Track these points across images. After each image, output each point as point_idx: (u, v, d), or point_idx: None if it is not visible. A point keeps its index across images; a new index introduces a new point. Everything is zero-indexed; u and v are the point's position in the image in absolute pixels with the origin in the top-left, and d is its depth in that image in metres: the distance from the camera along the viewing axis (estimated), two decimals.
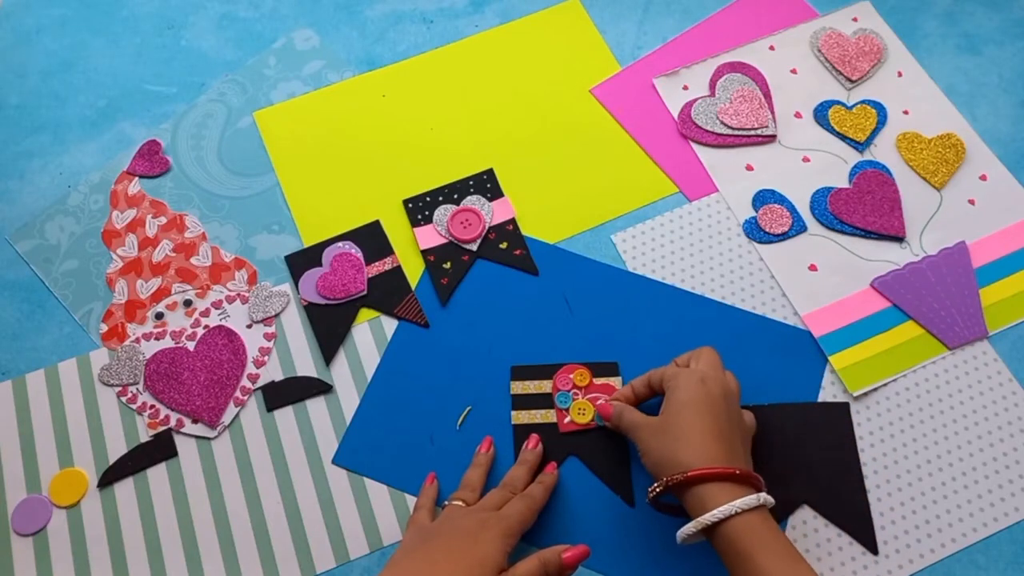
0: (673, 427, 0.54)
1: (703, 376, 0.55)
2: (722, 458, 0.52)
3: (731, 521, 0.50)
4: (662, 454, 0.54)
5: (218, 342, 0.67)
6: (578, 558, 0.52)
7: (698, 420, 0.53)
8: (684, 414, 0.54)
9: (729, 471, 0.51)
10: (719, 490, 0.50)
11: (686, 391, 0.55)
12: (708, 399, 0.54)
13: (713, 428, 0.53)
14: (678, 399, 0.55)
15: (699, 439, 0.52)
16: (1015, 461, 0.61)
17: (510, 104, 0.77)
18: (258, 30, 0.82)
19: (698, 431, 0.53)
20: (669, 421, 0.54)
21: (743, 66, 0.77)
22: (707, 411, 0.53)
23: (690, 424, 0.53)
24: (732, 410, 0.55)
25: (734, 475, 0.51)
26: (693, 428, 0.53)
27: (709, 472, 0.51)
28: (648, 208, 0.72)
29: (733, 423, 0.55)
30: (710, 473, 0.51)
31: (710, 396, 0.54)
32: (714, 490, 0.51)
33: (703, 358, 0.58)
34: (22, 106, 0.79)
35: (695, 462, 0.51)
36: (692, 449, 0.52)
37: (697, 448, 0.52)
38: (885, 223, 0.69)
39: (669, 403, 0.55)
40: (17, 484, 0.63)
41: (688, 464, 0.52)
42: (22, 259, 0.72)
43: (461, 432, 0.64)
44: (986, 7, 0.80)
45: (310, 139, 0.76)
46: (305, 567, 0.60)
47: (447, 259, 0.70)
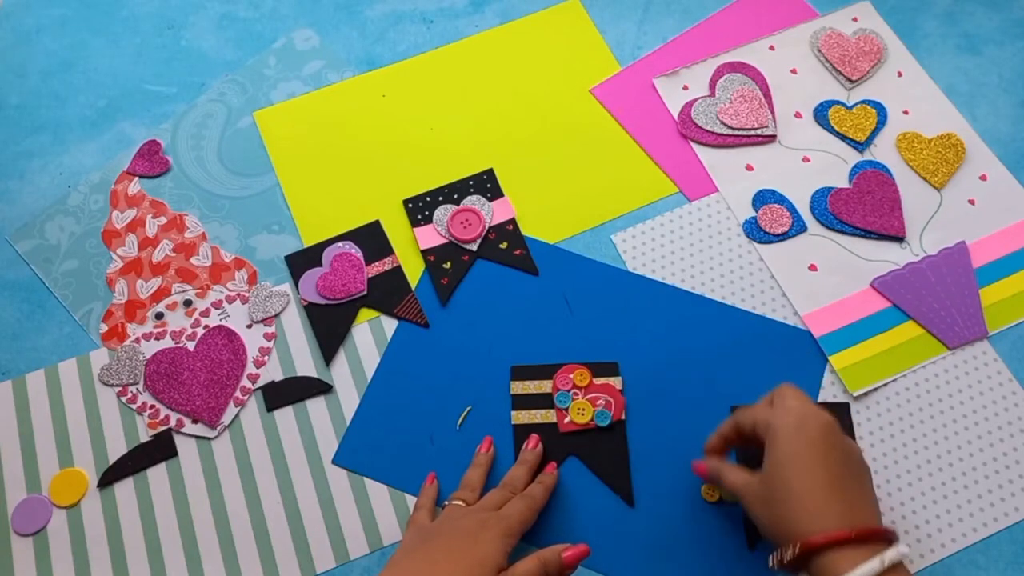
0: (778, 489, 0.48)
1: (801, 419, 0.49)
2: (838, 516, 0.46)
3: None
4: (772, 524, 0.49)
5: (218, 342, 0.67)
6: (578, 557, 0.52)
7: (805, 474, 0.47)
8: (788, 471, 0.48)
9: (844, 534, 0.45)
10: (840, 558, 0.45)
11: (785, 443, 0.49)
12: (812, 445, 0.48)
13: (823, 481, 0.47)
14: (777, 454, 0.49)
15: (808, 499, 0.47)
16: (1015, 461, 0.61)
17: (510, 104, 0.77)
18: (258, 30, 0.82)
19: (805, 489, 0.47)
20: (773, 482, 0.49)
21: (743, 66, 0.77)
22: (814, 459, 0.48)
23: (794, 483, 0.47)
24: (842, 447, 0.49)
25: (854, 536, 0.45)
26: (798, 487, 0.47)
27: (820, 542, 0.45)
28: (648, 208, 0.72)
29: (845, 461, 0.49)
30: (821, 542, 0.45)
31: (813, 441, 0.48)
32: (834, 559, 0.45)
33: (788, 395, 0.52)
34: (22, 106, 0.79)
35: (808, 528, 0.46)
36: (802, 513, 0.47)
37: (807, 510, 0.47)
38: (885, 223, 0.69)
39: (770, 459, 0.49)
40: (17, 484, 0.63)
41: (800, 533, 0.46)
42: (22, 259, 0.72)
43: (461, 432, 0.64)
44: (986, 7, 0.80)
45: (310, 139, 0.76)
46: (305, 567, 0.60)
47: (447, 259, 0.70)
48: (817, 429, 0.49)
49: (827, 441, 0.49)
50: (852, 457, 0.50)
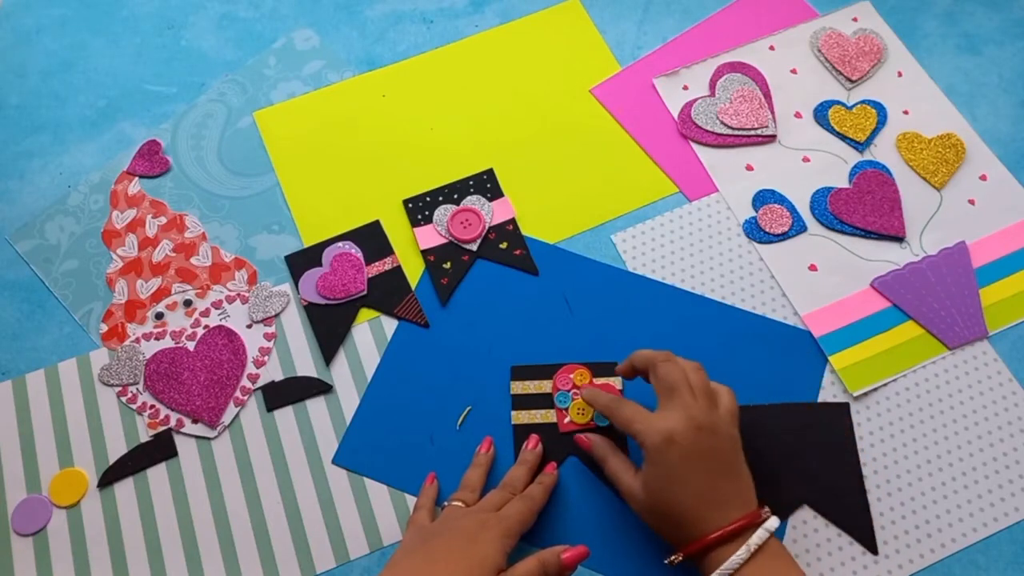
0: (660, 505, 0.53)
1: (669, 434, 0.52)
2: (711, 518, 0.51)
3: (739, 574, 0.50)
4: (661, 531, 0.54)
5: (218, 342, 0.67)
6: (577, 559, 0.52)
7: (682, 493, 0.52)
8: (666, 492, 0.52)
9: (713, 538, 0.50)
10: (716, 555, 0.51)
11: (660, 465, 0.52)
12: (685, 460, 0.51)
13: (693, 493, 0.52)
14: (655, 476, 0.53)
15: (683, 511, 0.52)
16: (1015, 461, 0.61)
17: (510, 104, 0.77)
18: (258, 30, 0.82)
19: (685, 505, 0.52)
20: (654, 499, 0.53)
21: (743, 66, 0.77)
22: (688, 478, 0.51)
23: (675, 501, 0.52)
24: (705, 450, 0.52)
25: (723, 537, 0.50)
26: (679, 505, 0.52)
27: (695, 550, 0.51)
28: (648, 208, 0.72)
29: (712, 466, 0.52)
30: (696, 550, 0.51)
31: (686, 455, 0.51)
32: (712, 557, 0.51)
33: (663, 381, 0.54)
34: (22, 106, 0.79)
35: (689, 535, 0.51)
36: (685, 526, 0.52)
37: (685, 521, 0.52)
38: (885, 223, 0.69)
39: (646, 475, 0.53)
40: (17, 484, 0.63)
41: (683, 540, 0.52)
42: (22, 259, 0.72)
43: (461, 432, 0.64)
44: (986, 7, 0.80)
45: (310, 139, 0.76)
46: (305, 567, 0.60)
47: (447, 259, 0.70)
48: (687, 440, 0.52)
49: (696, 450, 0.52)
50: (722, 454, 0.53)
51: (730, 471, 0.53)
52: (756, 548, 0.50)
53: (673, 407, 0.53)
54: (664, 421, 0.53)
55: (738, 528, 0.51)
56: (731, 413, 0.55)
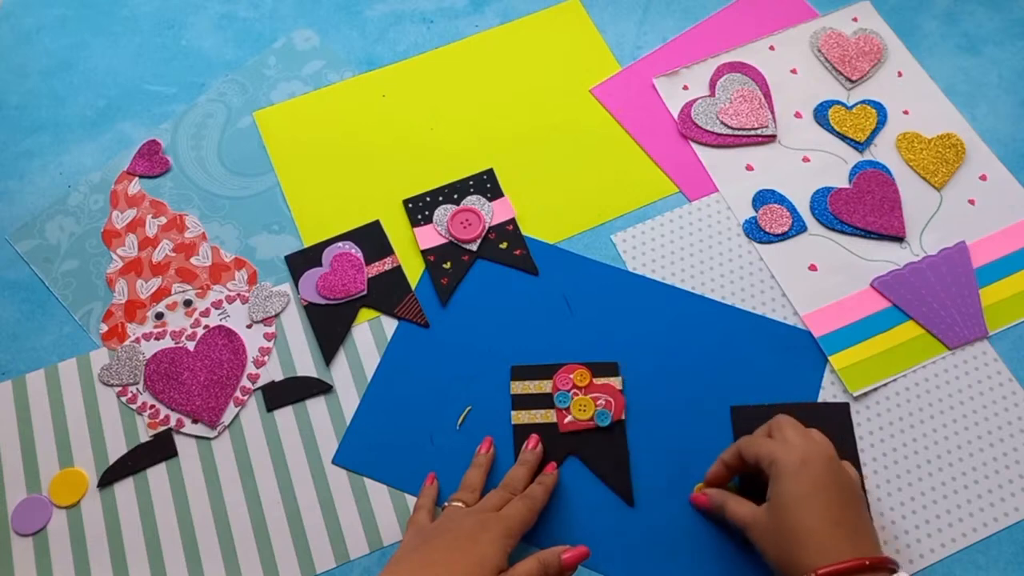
0: (785, 527, 0.50)
1: (804, 456, 0.51)
2: (846, 548, 0.48)
3: None
4: (781, 558, 0.51)
5: (218, 342, 0.67)
6: (578, 559, 0.52)
7: (812, 513, 0.50)
8: (795, 510, 0.50)
9: (851, 564, 0.48)
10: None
11: (793, 481, 0.51)
12: (817, 484, 0.50)
13: (829, 517, 0.49)
14: (786, 493, 0.51)
15: (817, 535, 0.49)
16: (1015, 461, 0.61)
17: (510, 104, 0.77)
18: (258, 30, 0.82)
19: (814, 526, 0.49)
20: (781, 520, 0.51)
21: (743, 66, 0.77)
22: (820, 499, 0.50)
23: (804, 521, 0.50)
24: (843, 482, 0.52)
25: (860, 567, 0.48)
26: (808, 524, 0.49)
27: (833, 571, 0.48)
28: (648, 208, 0.72)
29: (847, 497, 0.51)
30: (835, 572, 0.48)
31: (818, 480, 0.50)
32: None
33: (787, 427, 0.54)
34: (22, 106, 0.79)
35: (817, 561, 0.48)
36: (812, 549, 0.49)
37: (817, 546, 0.49)
38: (885, 223, 0.69)
39: (776, 497, 0.51)
40: (17, 484, 0.63)
41: (809, 567, 0.48)
42: (22, 259, 0.72)
43: (461, 432, 0.64)
44: (986, 7, 0.80)
45: (310, 139, 0.76)
46: (305, 567, 0.60)
47: (447, 259, 0.70)
48: (821, 466, 0.51)
49: (831, 476, 0.51)
50: (853, 490, 0.52)
51: (859, 506, 0.52)
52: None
53: (796, 437, 0.53)
54: (799, 447, 0.52)
55: (875, 562, 0.48)
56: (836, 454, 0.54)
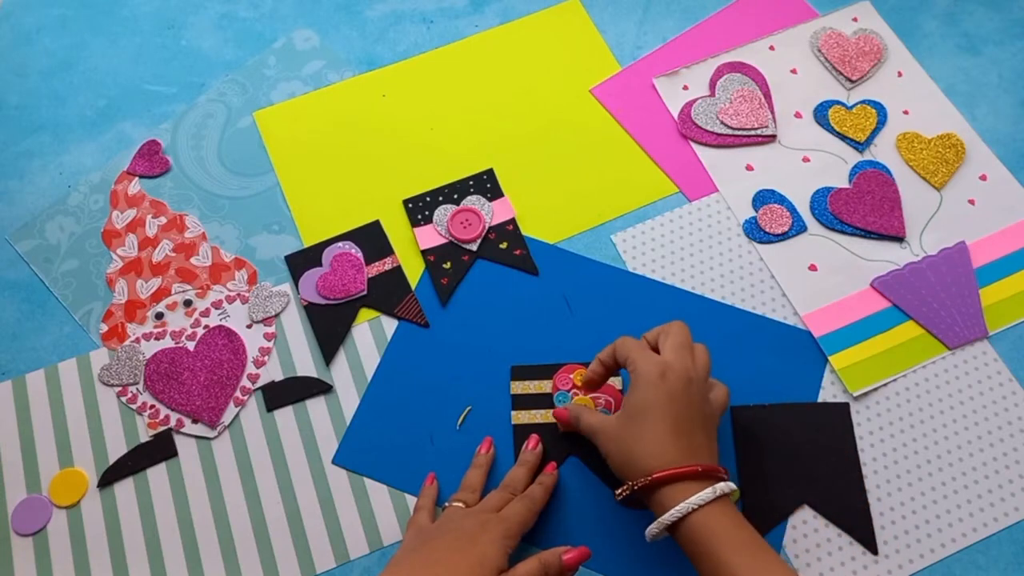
0: (631, 431, 0.53)
1: (663, 369, 0.54)
2: (679, 455, 0.52)
3: (690, 519, 0.50)
4: (622, 459, 0.54)
5: (218, 342, 0.67)
6: (578, 560, 0.52)
7: (656, 422, 0.53)
8: (641, 417, 0.53)
9: (685, 470, 0.51)
10: (677, 490, 0.51)
11: (645, 390, 0.54)
12: (667, 397, 0.53)
13: (672, 428, 0.52)
14: (636, 400, 0.54)
15: (657, 441, 0.52)
16: (1015, 461, 0.61)
17: (510, 104, 0.77)
18: (258, 30, 0.82)
19: (656, 432, 0.52)
20: (627, 425, 0.54)
21: (743, 66, 0.77)
22: (665, 410, 0.53)
23: (648, 427, 0.53)
24: (694, 401, 0.54)
25: (693, 473, 0.51)
26: (651, 431, 0.52)
27: (666, 475, 0.51)
28: (648, 208, 0.72)
29: (694, 414, 0.54)
30: (667, 476, 0.51)
31: (669, 393, 0.53)
32: (673, 491, 0.51)
33: (669, 340, 0.56)
34: (22, 106, 0.79)
35: (654, 465, 0.51)
36: (649, 453, 0.52)
37: (655, 451, 0.52)
38: (885, 223, 0.69)
39: (627, 402, 0.55)
40: (17, 484, 0.63)
41: (647, 468, 0.52)
42: (22, 259, 0.72)
43: (461, 432, 0.64)
44: (986, 7, 0.80)
45: (310, 139, 0.76)
46: (305, 567, 0.60)
47: (447, 259, 0.70)
48: (677, 382, 0.54)
49: (687, 391, 0.54)
50: (703, 411, 0.55)
51: (705, 426, 0.54)
52: (722, 493, 0.51)
53: (669, 351, 0.55)
54: (664, 361, 0.54)
55: (707, 470, 0.51)
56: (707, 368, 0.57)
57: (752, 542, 0.50)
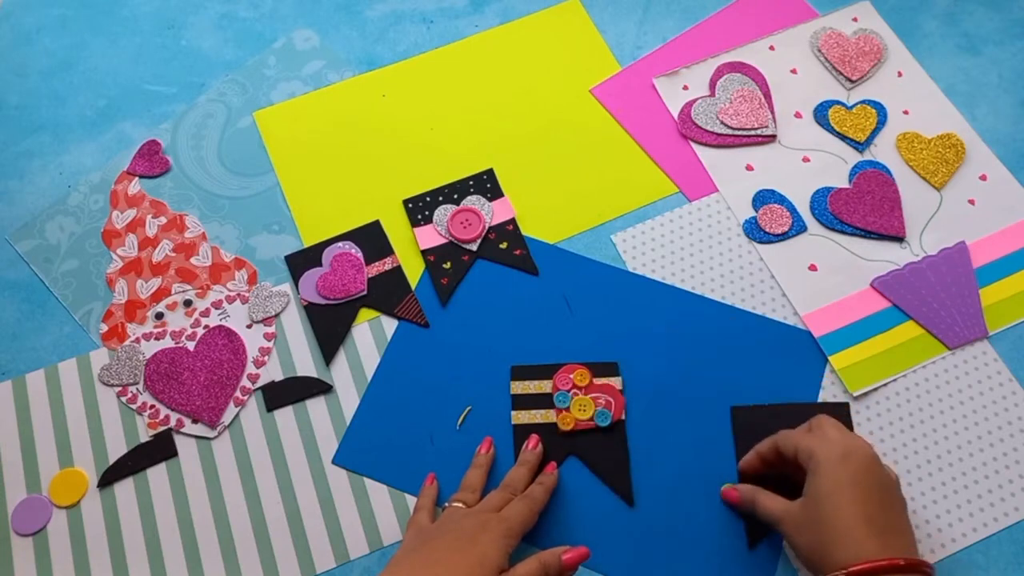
0: (820, 520, 0.49)
1: (846, 451, 0.50)
2: (878, 547, 0.47)
3: None
4: (811, 550, 0.50)
5: (218, 342, 0.67)
6: (578, 560, 0.52)
7: (848, 508, 0.48)
8: (831, 502, 0.49)
9: (886, 564, 0.46)
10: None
11: (830, 475, 0.50)
12: (855, 479, 0.49)
13: (865, 513, 0.48)
14: (823, 485, 0.50)
15: (851, 531, 0.48)
16: (1015, 461, 0.61)
17: (510, 104, 0.77)
18: (258, 30, 0.82)
19: (849, 521, 0.48)
20: (815, 512, 0.49)
21: (743, 66, 0.77)
22: (857, 494, 0.49)
23: (839, 514, 0.48)
24: (883, 481, 0.50)
25: (894, 567, 0.47)
26: (843, 519, 0.48)
27: (863, 569, 0.46)
28: (648, 208, 0.72)
29: (886, 497, 0.50)
30: (865, 570, 0.46)
31: (856, 475, 0.49)
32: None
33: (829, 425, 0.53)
34: (22, 106, 0.79)
35: (850, 558, 0.47)
36: (845, 544, 0.48)
37: (850, 542, 0.47)
38: (885, 223, 0.69)
39: (812, 489, 0.50)
40: (17, 484, 0.63)
41: (842, 561, 0.47)
42: (22, 259, 0.72)
43: (461, 432, 0.64)
44: (986, 7, 0.80)
45: (310, 139, 0.76)
46: (305, 567, 0.60)
47: (447, 259, 0.70)
48: (861, 461, 0.51)
49: (870, 474, 0.50)
50: (892, 491, 0.52)
51: (897, 506, 0.51)
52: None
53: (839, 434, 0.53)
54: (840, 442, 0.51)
55: (910, 564, 0.47)
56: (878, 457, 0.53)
57: None
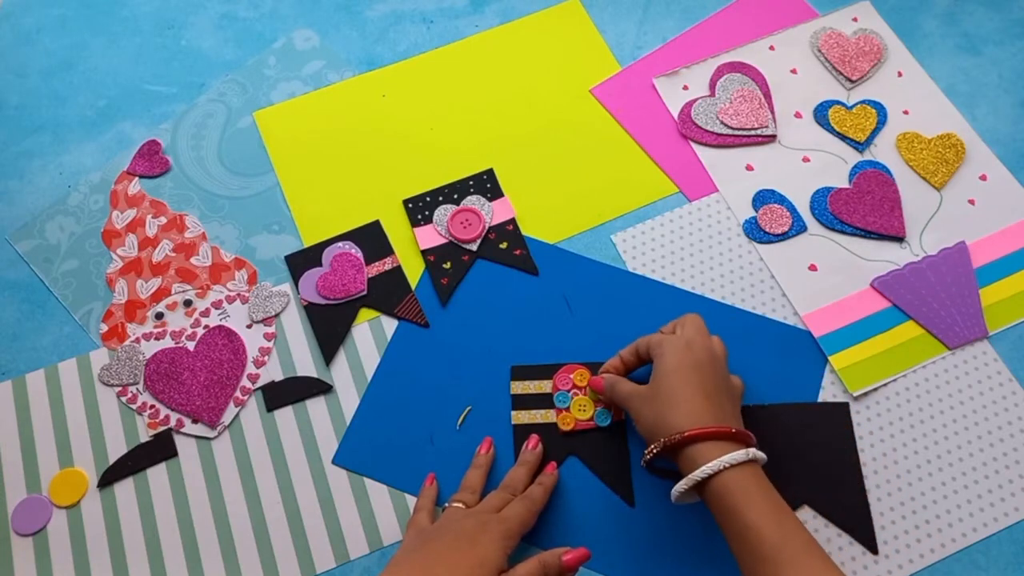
0: (662, 392, 0.55)
1: (688, 341, 0.56)
2: (711, 418, 0.53)
3: (720, 476, 0.51)
4: (654, 420, 0.55)
5: (218, 342, 0.67)
6: (578, 560, 0.52)
7: (686, 383, 0.54)
8: (672, 379, 0.55)
9: (720, 430, 0.52)
10: (710, 448, 0.52)
11: (672, 356, 0.56)
12: (694, 362, 0.55)
13: (701, 390, 0.54)
14: (665, 365, 0.56)
15: (688, 401, 0.54)
16: (1015, 461, 0.61)
17: (510, 104, 0.77)
18: (258, 30, 0.82)
19: (687, 394, 0.54)
20: (658, 387, 0.55)
21: (743, 66, 0.77)
22: (694, 374, 0.55)
23: (679, 388, 0.54)
24: (719, 372, 0.56)
25: (726, 433, 0.52)
26: (682, 391, 0.54)
27: (700, 432, 0.52)
28: (648, 208, 0.72)
29: (721, 385, 0.56)
30: (701, 433, 0.52)
31: (696, 360, 0.55)
32: (705, 448, 0.52)
33: (688, 324, 0.58)
34: (22, 106, 0.79)
35: (686, 424, 0.53)
36: (682, 412, 0.53)
37: (687, 410, 0.53)
38: (885, 223, 0.69)
39: (657, 370, 0.56)
40: (17, 484, 0.63)
41: (679, 426, 0.53)
42: (22, 259, 0.72)
43: (461, 432, 0.64)
44: (986, 7, 0.80)
45: (310, 139, 0.76)
46: (305, 567, 0.60)
47: (447, 259, 0.70)
48: (704, 352, 0.56)
49: (712, 363, 0.56)
50: (731, 386, 0.57)
51: (733, 402, 0.56)
52: (755, 458, 0.52)
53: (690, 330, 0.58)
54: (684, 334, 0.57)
55: (740, 434, 0.53)
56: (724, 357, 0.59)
57: (778, 507, 0.50)
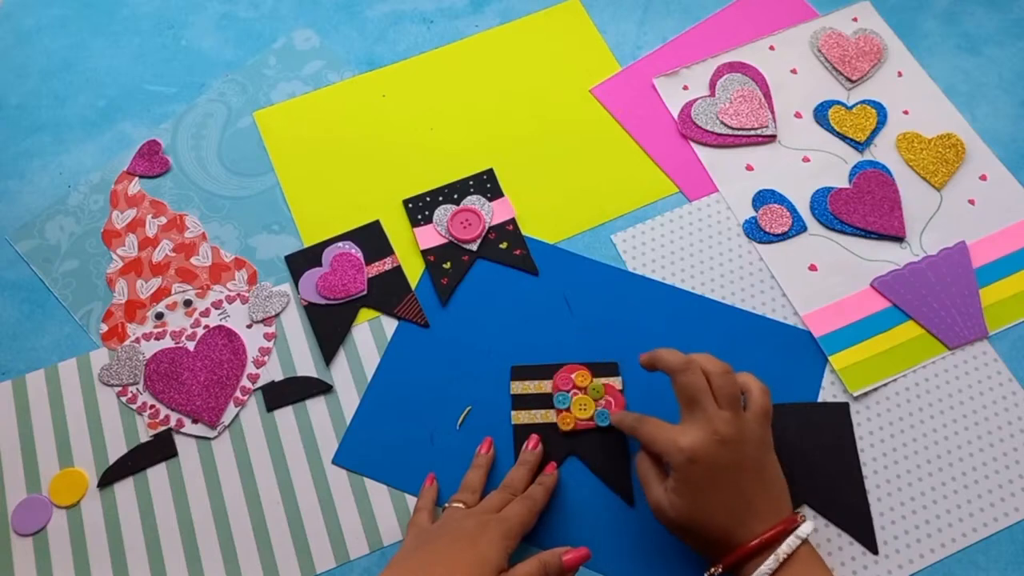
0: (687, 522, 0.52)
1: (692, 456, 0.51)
2: (747, 529, 0.51)
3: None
4: (695, 546, 0.54)
5: (218, 342, 0.67)
6: (578, 561, 0.52)
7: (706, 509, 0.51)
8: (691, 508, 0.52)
9: (751, 548, 0.50)
10: (749, 566, 0.51)
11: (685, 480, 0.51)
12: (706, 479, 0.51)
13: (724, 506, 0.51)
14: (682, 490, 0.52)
15: (715, 528, 0.51)
16: (1015, 461, 0.61)
17: (510, 104, 0.77)
18: (258, 30, 0.82)
19: (711, 521, 0.51)
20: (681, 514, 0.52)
21: (743, 66, 0.77)
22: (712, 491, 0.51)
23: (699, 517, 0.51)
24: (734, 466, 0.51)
25: (749, 553, 0.50)
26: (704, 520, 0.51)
27: (735, 559, 0.51)
28: (648, 208, 0.72)
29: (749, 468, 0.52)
30: (737, 559, 0.51)
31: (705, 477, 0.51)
32: (746, 569, 0.51)
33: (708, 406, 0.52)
34: (22, 106, 0.79)
35: (723, 550, 0.51)
36: (715, 540, 0.51)
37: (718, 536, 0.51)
38: (885, 223, 0.69)
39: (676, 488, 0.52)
40: (17, 484, 0.63)
41: (718, 553, 0.52)
42: (22, 259, 0.72)
43: (461, 432, 0.64)
44: (986, 7, 0.80)
45: (310, 139, 0.76)
46: (305, 567, 0.60)
47: (447, 259, 0.70)
48: (709, 455, 0.51)
49: (721, 464, 0.51)
50: (748, 463, 0.52)
51: (759, 480, 0.53)
52: (785, 557, 0.50)
53: (694, 420, 0.53)
54: (685, 437, 0.52)
55: (769, 539, 0.50)
56: (761, 414, 0.54)
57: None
